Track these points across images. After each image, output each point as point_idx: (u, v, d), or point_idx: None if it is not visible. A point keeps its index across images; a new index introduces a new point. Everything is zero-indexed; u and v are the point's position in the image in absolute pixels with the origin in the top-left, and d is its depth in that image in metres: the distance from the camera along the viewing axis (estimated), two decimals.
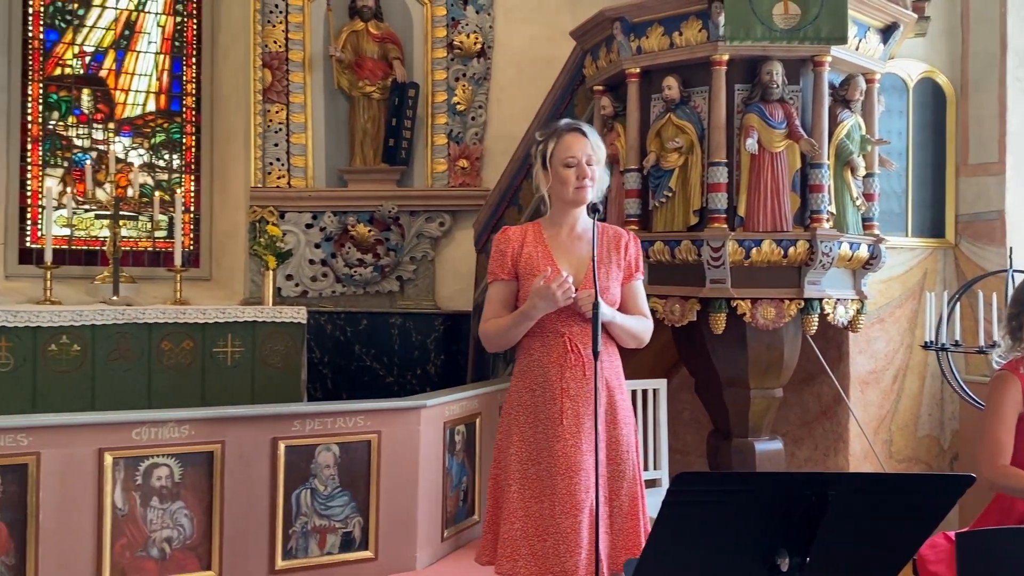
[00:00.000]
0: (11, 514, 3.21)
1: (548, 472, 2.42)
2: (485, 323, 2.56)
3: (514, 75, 6.20)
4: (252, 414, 3.67)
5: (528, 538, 2.41)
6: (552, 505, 2.40)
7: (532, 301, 2.40)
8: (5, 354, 4.98)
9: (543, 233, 2.56)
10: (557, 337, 2.45)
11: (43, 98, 6.29)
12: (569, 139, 2.52)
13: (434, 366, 6.13)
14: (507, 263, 2.53)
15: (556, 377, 2.44)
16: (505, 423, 2.53)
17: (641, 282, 2.63)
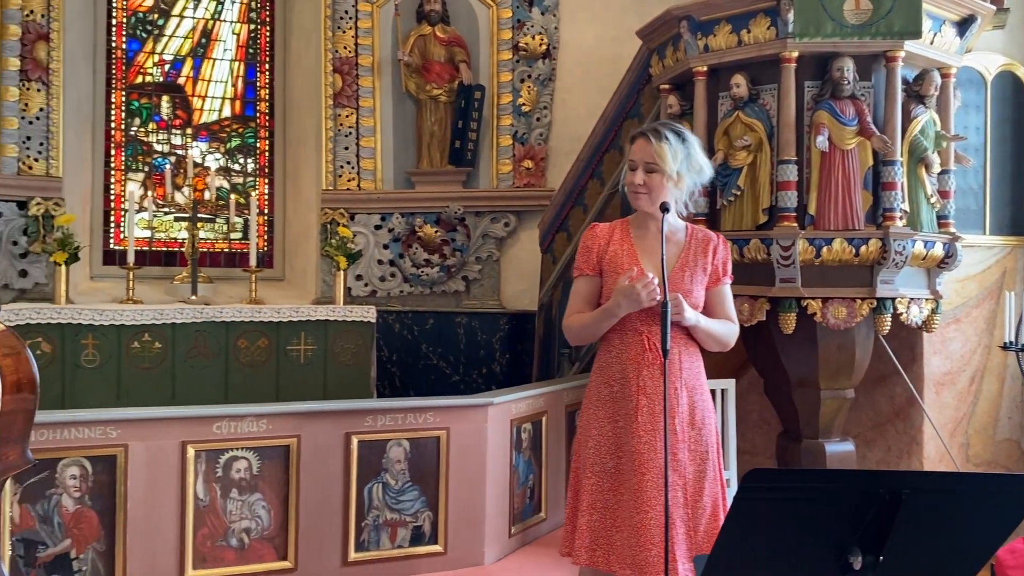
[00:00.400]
0: (101, 502, 3.37)
1: (626, 467, 2.44)
2: (568, 317, 2.58)
3: (579, 75, 6.22)
4: (326, 409, 3.78)
5: (605, 530, 2.44)
6: (628, 499, 2.42)
7: (616, 300, 2.42)
8: (92, 351, 5.21)
9: (630, 232, 2.57)
10: (636, 335, 2.46)
11: (125, 105, 6.55)
12: (637, 143, 2.50)
13: (499, 365, 6.19)
14: (592, 259, 2.55)
15: (633, 375, 2.46)
16: (584, 417, 2.56)
17: (728, 286, 2.60)
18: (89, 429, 3.35)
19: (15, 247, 5.66)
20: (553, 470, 4.47)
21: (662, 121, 2.58)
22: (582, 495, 2.48)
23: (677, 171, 2.45)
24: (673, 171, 2.45)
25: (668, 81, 4.38)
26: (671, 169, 2.44)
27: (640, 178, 2.46)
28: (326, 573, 3.68)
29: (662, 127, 2.49)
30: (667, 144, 2.44)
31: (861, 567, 1.50)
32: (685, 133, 2.51)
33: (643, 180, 2.46)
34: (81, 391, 5.12)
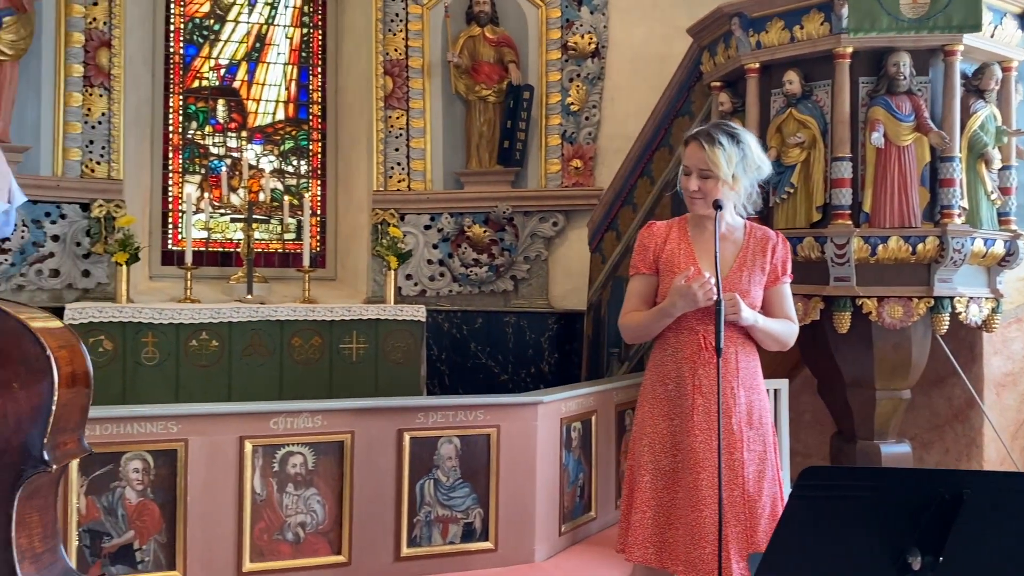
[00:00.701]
0: (163, 496, 3.47)
1: (682, 466, 2.44)
2: (624, 316, 2.58)
3: (628, 74, 6.20)
4: (379, 406, 3.84)
5: (658, 527, 2.44)
6: (684, 497, 2.42)
7: (672, 299, 2.41)
8: (152, 349, 5.36)
9: (688, 231, 2.56)
10: (691, 334, 2.45)
11: (183, 109, 6.72)
12: (689, 148, 2.48)
13: (547, 364, 6.21)
14: (648, 258, 2.55)
15: (689, 374, 2.45)
16: (639, 414, 2.56)
17: (788, 286, 2.56)
18: (151, 424, 3.46)
19: (78, 248, 5.84)
20: (603, 469, 4.47)
21: (715, 122, 2.55)
22: (637, 492, 2.49)
23: (732, 175, 2.42)
24: (728, 175, 2.42)
25: (719, 78, 4.34)
26: (725, 174, 2.41)
27: (695, 184, 2.45)
28: (379, 568, 3.74)
29: (714, 130, 2.45)
30: (720, 149, 2.41)
31: (920, 568, 1.48)
32: (739, 133, 2.47)
33: (698, 186, 2.44)
34: (141, 388, 5.27)
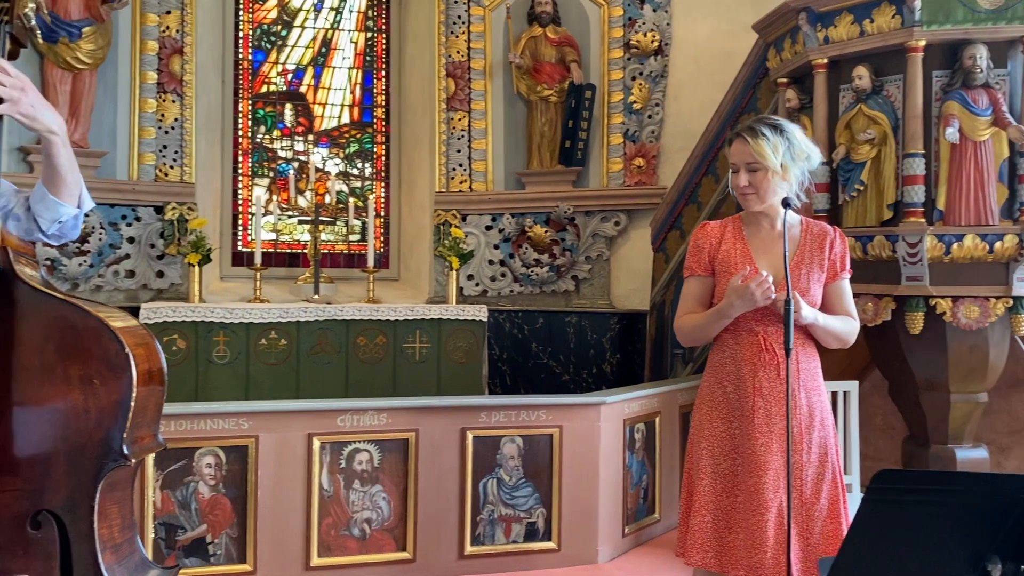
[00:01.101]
0: (234, 490, 3.57)
1: (742, 469, 2.40)
2: (680, 318, 2.55)
3: (692, 71, 6.13)
4: (442, 405, 3.87)
5: (718, 531, 2.41)
6: (744, 501, 2.38)
7: (729, 299, 2.37)
8: (223, 347, 5.51)
9: (743, 229, 2.52)
10: (751, 335, 2.42)
11: (251, 114, 6.89)
12: (733, 146, 2.46)
13: (610, 365, 6.17)
14: (704, 259, 2.51)
15: (749, 375, 2.41)
16: (697, 417, 2.53)
17: (847, 281, 2.51)
18: (223, 420, 3.55)
19: (153, 249, 6.03)
20: (667, 471, 4.43)
21: (756, 118, 2.52)
22: (696, 496, 2.46)
23: (780, 164, 2.39)
24: (776, 165, 2.39)
25: (786, 75, 4.27)
26: (773, 164, 2.38)
27: (744, 179, 2.41)
28: (443, 565, 3.77)
29: (756, 124, 2.43)
30: (764, 139, 2.38)
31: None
32: (782, 124, 2.44)
33: (748, 180, 2.41)
34: (213, 385, 5.42)
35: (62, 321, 1.61)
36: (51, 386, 1.58)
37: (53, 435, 1.59)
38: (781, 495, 2.36)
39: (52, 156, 1.73)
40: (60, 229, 1.81)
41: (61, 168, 1.75)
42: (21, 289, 1.61)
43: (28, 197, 1.79)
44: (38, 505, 1.57)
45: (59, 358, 1.59)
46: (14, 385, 1.57)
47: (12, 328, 1.58)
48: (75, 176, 1.79)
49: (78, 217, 1.83)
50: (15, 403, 1.57)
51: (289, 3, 7.01)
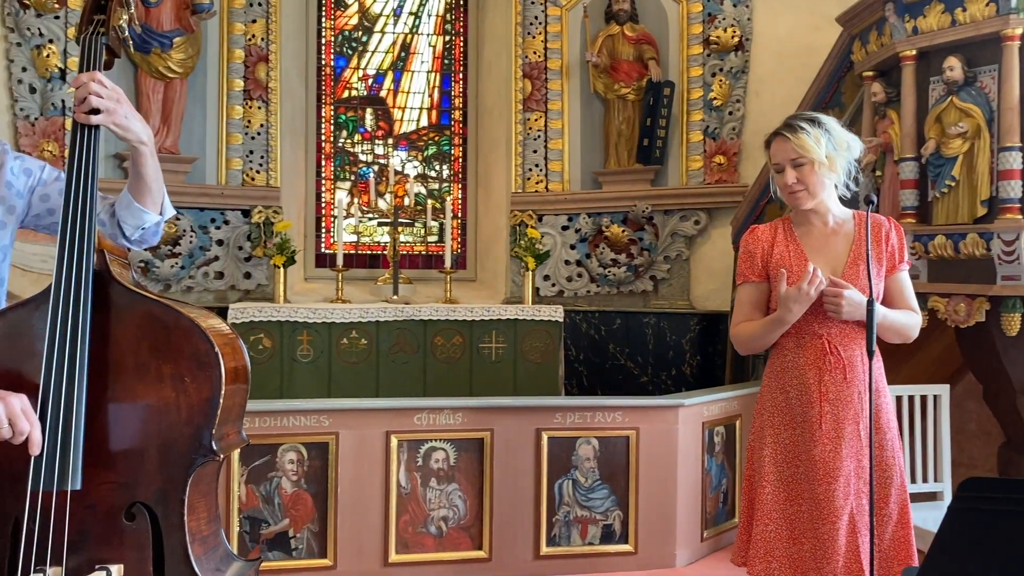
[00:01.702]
0: (315, 486, 3.66)
1: (805, 476, 2.34)
2: (736, 327, 2.50)
3: (774, 66, 6.00)
4: (518, 405, 3.89)
5: (783, 541, 2.35)
6: (810, 510, 2.33)
7: (785, 306, 2.30)
8: (307, 347, 5.66)
9: (794, 230, 2.45)
10: (814, 338, 2.35)
11: (333, 119, 7.05)
12: (773, 146, 2.41)
13: (689, 366, 6.08)
14: (756, 264, 2.45)
15: (814, 380, 2.34)
16: (758, 424, 2.48)
17: (907, 272, 2.44)
18: (305, 418, 3.65)
19: (240, 251, 6.24)
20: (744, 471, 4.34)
21: (791, 116, 2.46)
22: (758, 504, 2.40)
23: (826, 155, 2.34)
24: (821, 156, 2.33)
25: (872, 68, 4.13)
26: (819, 155, 2.33)
27: (791, 176, 2.35)
28: (518, 565, 3.79)
29: (792, 120, 2.39)
30: (804, 133, 2.33)
31: None
32: (817, 116, 2.40)
33: (796, 177, 2.35)
34: (297, 383, 5.57)
35: (155, 321, 1.68)
36: (144, 383, 1.65)
37: (146, 431, 1.66)
38: (852, 502, 2.30)
39: (140, 165, 1.80)
40: (142, 235, 1.89)
41: (147, 177, 1.82)
42: (116, 290, 1.69)
43: (113, 203, 1.88)
44: (132, 497, 1.64)
45: (152, 356, 1.66)
46: (110, 382, 1.65)
47: (108, 327, 1.66)
48: (159, 185, 1.86)
49: (159, 224, 1.91)
50: (111, 400, 1.65)
51: (369, 9, 7.15)
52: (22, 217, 1.86)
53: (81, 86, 1.68)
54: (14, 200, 1.83)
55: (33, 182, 1.86)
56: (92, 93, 1.67)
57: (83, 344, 1.60)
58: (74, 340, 1.59)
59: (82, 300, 1.61)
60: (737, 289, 2.53)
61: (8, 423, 1.52)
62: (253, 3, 6.26)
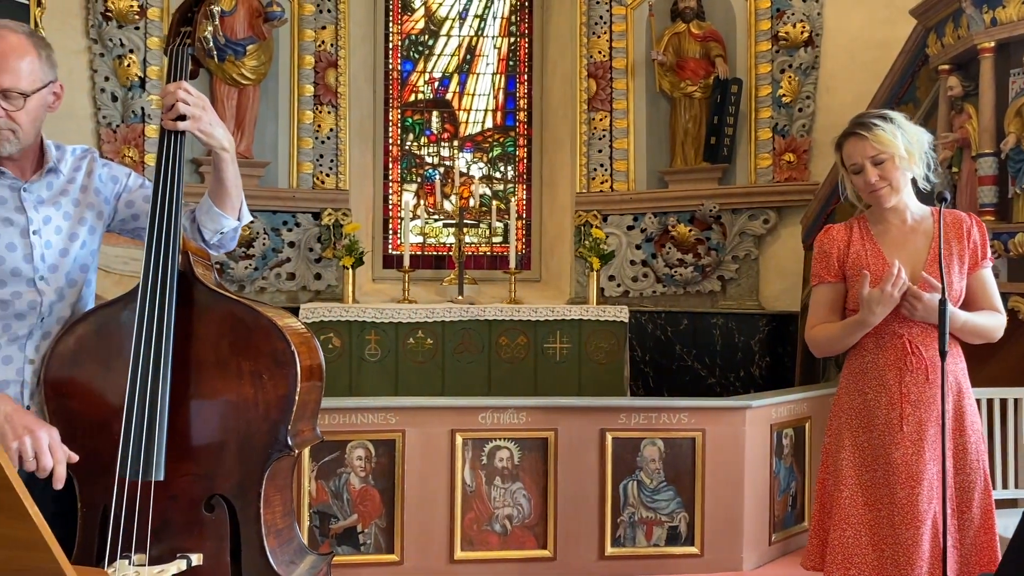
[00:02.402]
0: (383, 482, 3.73)
1: (885, 480, 2.29)
2: (812, 329, 2.46)
3: (845, 61, 5.86)
4: (582, 405, 3.90)
5: (862, 546, 2.31)
6: (891, 515, 2.28)
7: (869, 309, 2.26)
8: (374, 346, 5.76)
9: (870, 229, 2.40)
10: (895, 339, 2.30)
11: (401, 122, 7.16)
12: (848, 146, 2.36)
13: (758, 368, 5.99)
14: (833, 264, 2.41)
15: (895, 381, 2.30)
16: (835, 426, 2.43)
17: (990, 270, 2.37)
18: (373, 415, 3.72)
19: (311, 253, 6.39)
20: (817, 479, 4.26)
21: (858, 115, 2.40)
22: (836, 508, 2.36)
23: (906, 149, 2.29)
24: (902, 149, 2.29)
25: (948, 61, 4.01)
26: (900, 149, 2.28)
27: (873, 174, 2.30)
28: (583, 565, 3.79)
29: (862, 118, 2.35)
30: (880, 129, 2.29)
31: None
32: (886, 113, 2.36)
33: (877, 175, 2.30)
34: (365, 381, 5.68)
35: (235, 320, 1.74)
36: (225, 380, 1.72)
37: (225, 425, 1.73)
38: (936, 506, 2.24)
39: (221, 171, 1.88)
40: (220, 240, 1.96)
41: (227, 182, 1.90)
42: (199, 290, 1.77)
43: (194, 210, 1.96)
44: (212, 489, 1.71)
45: (232, 354, 1.72)
46: (192, 378, 1.72)
47: (191, 326, 1.73)
48: (238, 191, 1.94)
49: (237, 229, 1.98)
50: (193, 395, 1.72)
51: (436, 13, 7.23)
52: (108, 222, 1.96)
53: (169, 94, 1.76)
54: (102, 206, 1.92)
55: (119, 188, 1.95)
56: (180, 100, 1.75)
57: (168, 341, 1.67)
58: (159, 337, 1.66)
59: (167, 299, 1.69)
60: (812, 290, 2.48)
61: (33, 456, 1.60)
62: (323, 10, 6.40)
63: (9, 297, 1.77)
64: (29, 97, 1.74)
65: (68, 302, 1.86)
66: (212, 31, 1.91)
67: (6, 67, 1.70)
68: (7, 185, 1.79)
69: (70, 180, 1.88)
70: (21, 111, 1.73)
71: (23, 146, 1.78)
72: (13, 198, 1.80)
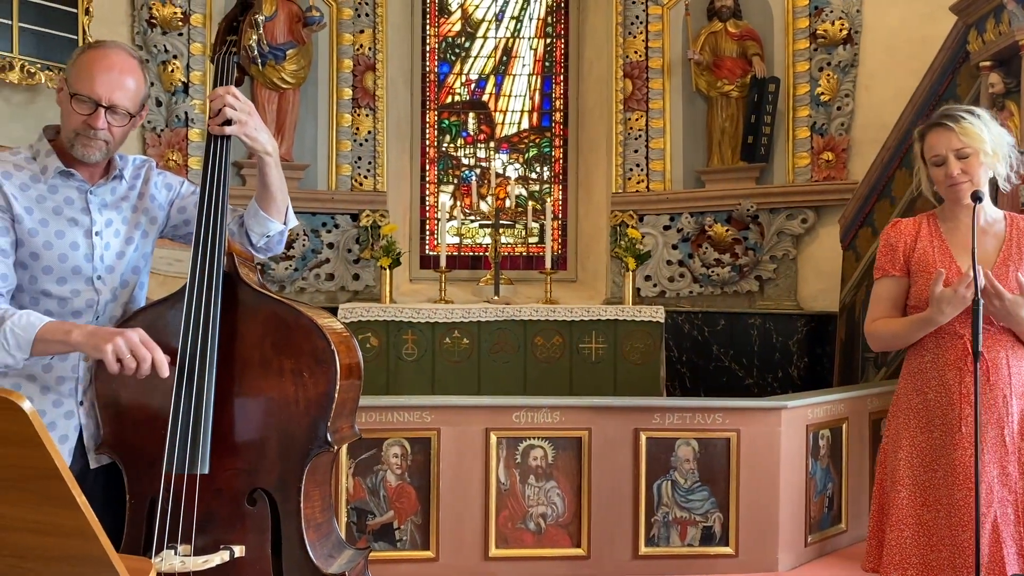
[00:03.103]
0: (418, 480, 3.78)
1: (944, 481, 2.27)
2: (873, 323, 2.43)
3: (884, 59, 5.80)
4: (615, 405, 3.91)
5: (919, 548, 2.28)
6: (948, 516, 2.24)
7: (938, 308, 2.22)
8: (411, 345, 5.82)
9: (939, 227, 2.38)
10: (956, 339, 2.27)
11: (437, 124, 7.23)
12: (932, 137, 2.32)
13: (796, 369, 5.95)
14: (899, 258, 2.38)
15: (955, 381, 2.26)
16: (893, 426, 2.41)
17: None
18: (408, 413, 3.77)
19: (349, 254, 6.48)
20: (855, 480, 4.23)
21: (942, 109, 2.36)
22: (893, 509, 2.33)
23: (991, 146, 2.25)
24: (988, 146, 2.25)
25: (989, 58, 3.96)
26: (986, 145, 2.25)
27: (956, 167, 2.26)
28: (617, 564, 3.80)
29: (950, 111, 2.30)
30: (968, 123, 2.25)
31: None
32: (974, 109, 2.32)
33: (960, 168, 2.26)
34: (402, 380, 5.74)
35: (278, 320, 1.81)
36: (267, 378, 1.78)
37: (267, 422, 1.79)
38: (996, 509, 2.21)
39: (266, 175, 1.94)
40: (267, 243, 2.03)
41: (272, 186, 1.96)
42: (244, 290, 1.83)
43: (242, 215, 2.03)
44: (254, 484, 1.77)
45: (275, 353, 1.78)
46: (236, 376, 1.78)
47: (236, 325, 1.80)
48: (283, 195, 2.00)
49: (283, 233, 2.05)
50: (236, 392, 1.79)
51: (472, 15, 7.29)
52: (161, 228, 2.04)
53: (217, 99, 1.84)
54: (156, 212, 2.01)
55: (173, 195, 2.03)
56: (227, 105, 1.82)
57: (213, 340, 1.73)
58: (205, 336, 1.73)
59: (213, 299, 1.75)
60: (875, 283, 2.46)
61: (129, 353, 1.64)
62: (361, 14, 6.49)
63: (68, 294, 1.85)
64: (132, 117, 1.85)
65: (120, 302, 1.94)
66: (257, 39, 1.98)
67: (121, 84, 1.80)
68: (75, 187, 1.88)
69: (131, 187, 1.97)
70: (120, 127, 1.83)
71: (108, 156, 1.88)
72: (80, 199, 1.88)
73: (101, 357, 1.64)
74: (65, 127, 1.83)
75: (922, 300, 2.30)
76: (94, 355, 1.67)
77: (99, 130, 1.80)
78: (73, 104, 1.79)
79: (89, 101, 1.78)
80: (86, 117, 1.79)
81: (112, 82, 1.79)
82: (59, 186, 1.86)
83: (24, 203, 1.81)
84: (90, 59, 1.81)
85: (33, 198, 1.83)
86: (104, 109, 1.79)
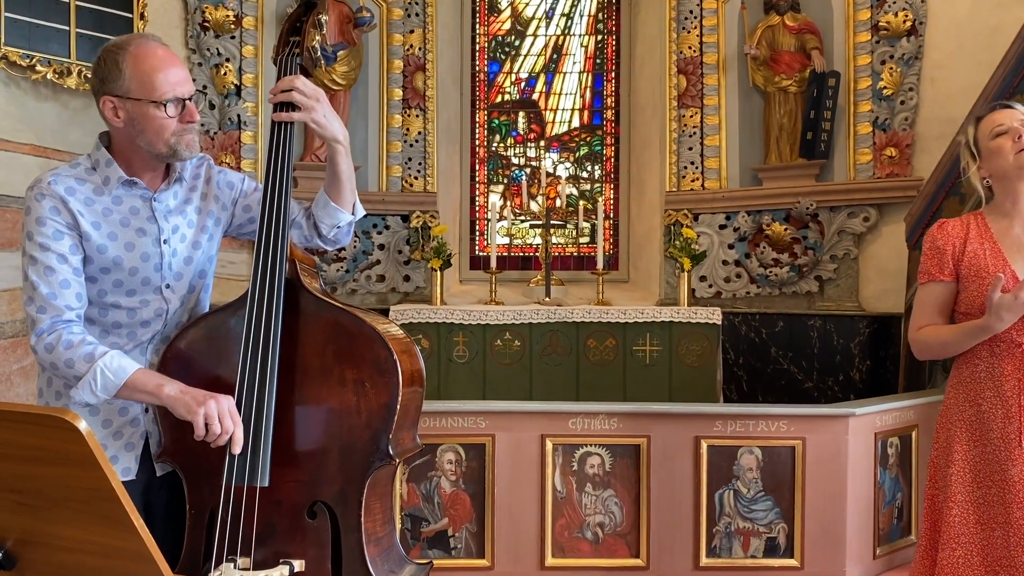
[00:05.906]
0: (473, 487, 3.72)
1: (1000, 498, 2.15)
2: (919, 330, 2.31)
3: (952, 50, 5.58)
4: (675, 412, 3.81)
5: (973, 567, 2.17)
6: (1005, 535, 2.13)
7: (997, 314, 2.11)
8: (462, 348, 5.77)
9: (989, 226, 2.26)
10: (1014, 347, 2.16)
11: (487, 123, 7.17)
12: (995, 115, 2.24)
13: (859, 372, 5.76)
14: (946, 262, 2.26)
15: (1013, 392, 2.15)
16: (943, 438, 2.30)
17: None
18: (463, 419, 3.72)
19: (400, 255, 6.45)
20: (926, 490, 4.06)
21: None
22: (945, 527, 2.22)
23: None
24: None
25: None
26: None
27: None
28: (677, 575, 3.70)
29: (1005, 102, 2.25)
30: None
31: None
32: None
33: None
34: (453, 383, 5.70)
35: (340, 328, 1.75)
36: (328, 387, 1.73)
37: (328, 433, 1.73)
38: None
39: (336, 164, 1.89)
40: (336, 234, 1.98)
41: (342, 175, 1.91)
42: (306, 297, 1.78)
43: (308, 207, 1.98)
44: (314, 496, 1.72)
45: (336, 361, 1.73)
46: (297, 385, 1.74)
47: (297, 333, 1.75)
48: (352, 185, 1.95)
49: (351, 224, 2.00)
50: (297, 402, 1.74)
51: (522, 13, 7.22)
52: (226, 227, 1.99)
53: (285, 83, 1.79)
54: (220, 212, 1.96)
55: (235, 194, 1.99)
56: (295, 89, 1.77)
57: (275, 349, 1.68)
58: (267, 344, 1.68)
59: (275, 307, 1.70)
60: (919, 288, 2.34)
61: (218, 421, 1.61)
62: (411, 14, 6.45)
63: (137, 305, 1.82)
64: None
65: (187, 307, 1.91)
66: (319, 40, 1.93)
67: (183, 69, 1.79)
68: (139, 195, 1.84)
69: (192, 188, 1.92)
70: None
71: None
72: (145, 208, 1.84)
73: (190, 420, 1.62)
74: (157, 139, 1.76)
75: (974, 307, 2.19)
76: (184, 416, 1.65)
77: (197, 120, 1.79)
78: (167, 110, 1.74)
79: (178, 101, 1.75)
80: (177, 117, 1.75)
81: (180, 72, 1.77)
82: (123, 196, 1.82)
83: (91, 218, 1.77)
84: (142, 64, 1.74)
85: (99, 212, 1.79)
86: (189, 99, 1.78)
